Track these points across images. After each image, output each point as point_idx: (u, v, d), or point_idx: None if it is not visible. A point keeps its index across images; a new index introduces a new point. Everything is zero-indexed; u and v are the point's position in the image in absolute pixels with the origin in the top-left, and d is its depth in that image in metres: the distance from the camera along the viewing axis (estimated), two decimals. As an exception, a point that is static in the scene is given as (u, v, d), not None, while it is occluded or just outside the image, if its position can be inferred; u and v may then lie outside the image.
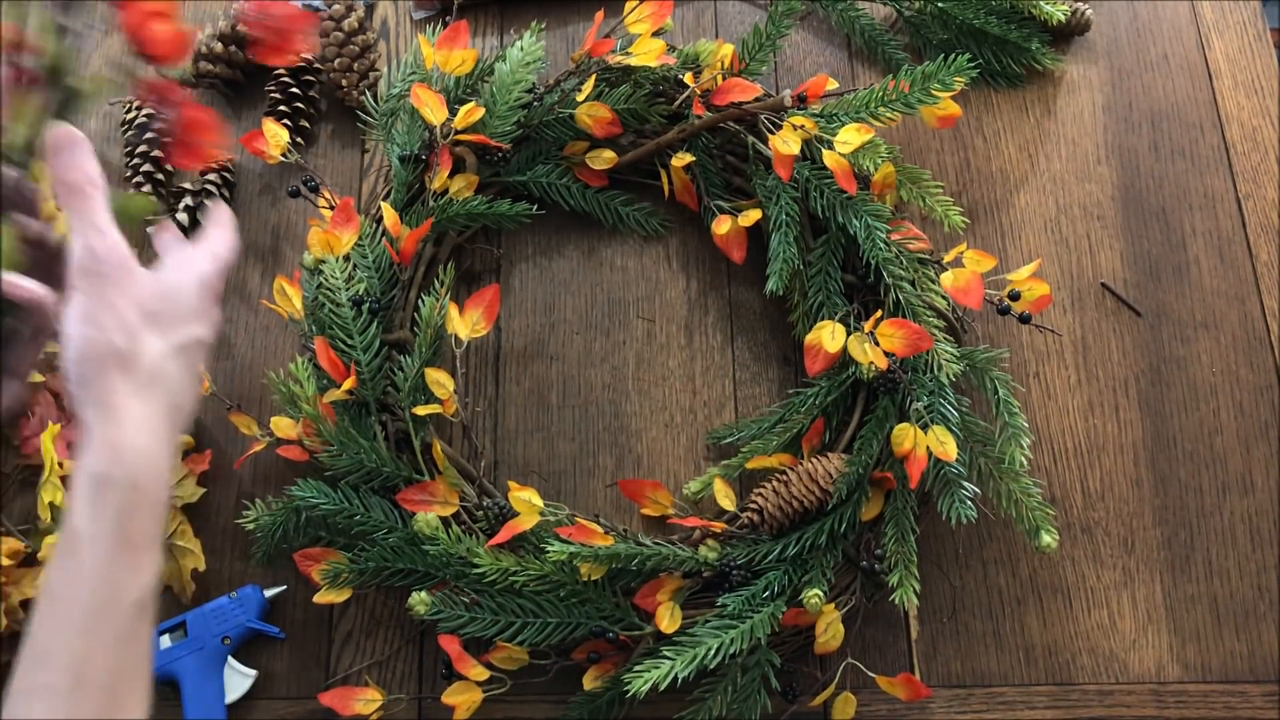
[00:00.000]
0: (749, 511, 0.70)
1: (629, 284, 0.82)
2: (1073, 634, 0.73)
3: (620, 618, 0.67)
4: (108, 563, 0.41)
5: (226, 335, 0.81)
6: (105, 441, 0.42)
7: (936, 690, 0.71)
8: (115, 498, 0.41)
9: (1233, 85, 0.89)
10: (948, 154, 0.86)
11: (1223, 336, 0.81)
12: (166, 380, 0.45)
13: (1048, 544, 0.67)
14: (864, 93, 0.75)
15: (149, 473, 0.43)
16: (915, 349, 0.69)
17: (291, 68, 0.85)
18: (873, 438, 0.70)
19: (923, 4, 0.87)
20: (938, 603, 0.74)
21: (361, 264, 0.75)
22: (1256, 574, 0.75)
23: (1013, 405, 0.70)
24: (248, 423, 0.75)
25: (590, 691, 0.67)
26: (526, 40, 0.78)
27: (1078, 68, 0.89)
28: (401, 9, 0.92)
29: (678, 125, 0.79)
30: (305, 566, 0.70)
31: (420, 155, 0.77)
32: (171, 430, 0.45)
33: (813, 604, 0.66)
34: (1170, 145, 0.87)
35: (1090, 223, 0.84)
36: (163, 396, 0.45)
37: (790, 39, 0.89)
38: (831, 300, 0.75)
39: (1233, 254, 0.83)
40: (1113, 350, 0.80)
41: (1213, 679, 0.72)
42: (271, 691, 0.72)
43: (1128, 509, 0.76)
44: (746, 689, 0.67)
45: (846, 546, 0.70)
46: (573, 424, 0.78)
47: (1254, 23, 0.91)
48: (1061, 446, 0.78)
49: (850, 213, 0.74)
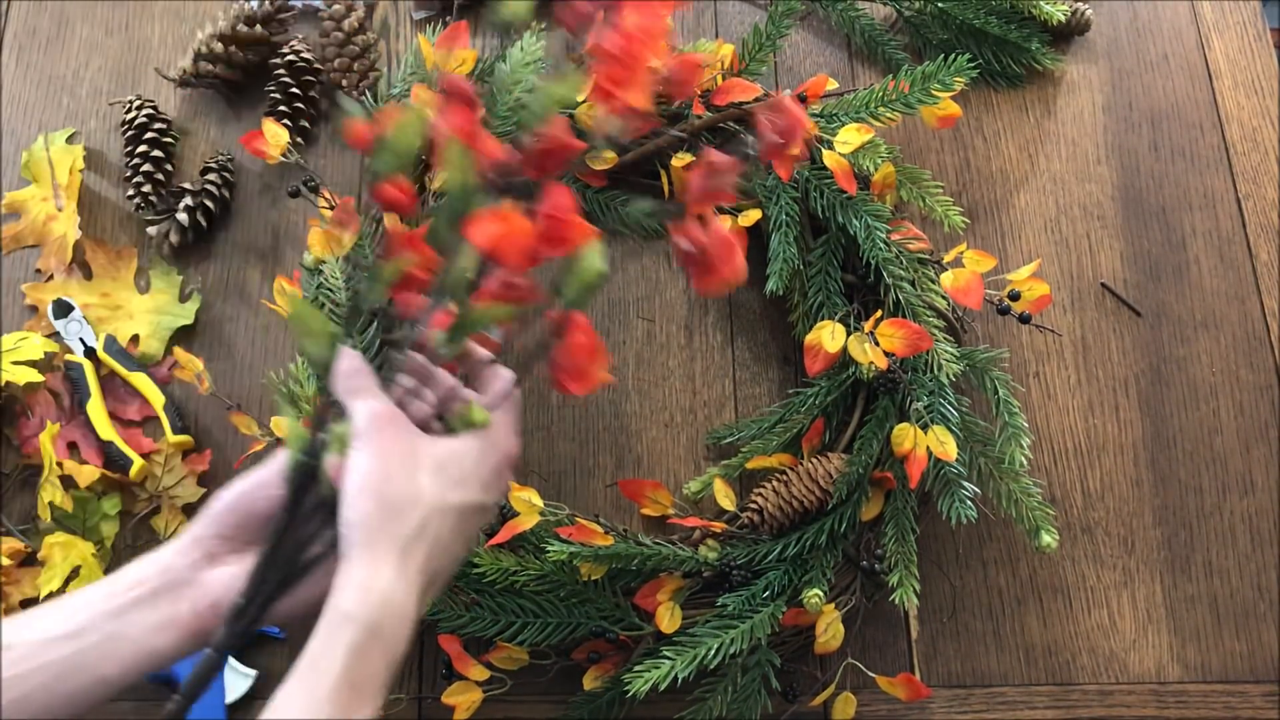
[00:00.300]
0: (749, 511, 0.70)
1: (629, 284, 0.82)
2: (1073, 634, 0.73)
3: (620, 618, 0.67)
4: (328, 697, 0.42)
5: (226, 335, 0.81)
6: (358, 582, 0.43)
7: (936, 690, 0.71)
8: (351, 637, 0.42)
9: (1233, 85, 0.89)
10: (948, 154, 0.86)
11: (1223, 336, 0.81)
12: (434, 537, 0.45)
13: (1048, 544, 0.67)
14: (864, 93, 0.75)
15: (391, 621, 0.43)
16: (915, 349, 0.69)
17: (292, 68, 0.85)
18: (873, 438, 0.70)
19: (923, 4, 0.87)
20: (938, 603, 0.74)
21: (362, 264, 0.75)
22: (1256, 574, 0.75)
23: (1013, 405, 0.70)
24: (248, 423, 0.75)
25: (590, 691, 0.67)
26: (526, 40, 0.78)
27: (1078, 68, 0.89)
28: (401, 9, 0.92)
29: (678, 125, 0.79)
30: (305, 566, 0.70)
31: (420, 155, 0.77)
32: (427, 586, 0.46)
33: (813, 604, 0.66)
34: (1170, 145, 0.87)
35: (1090, 223, 0.84)
36: (426, 551, 0.45)
37: (790, 39, 0.89)
38: (831, 300, 0.75)
39: (1233, 254, 0.83)
40: (1113, 350, 0.80)
41: (1213, 679, 0.72)
42: (271, 691, 0.71)
43: (1128, 509, 0.76)
44: (746, 689, 0.67)
45: (846, 546, 0.70)
46: (573, 424, 0.78)
47: (1254, 23, 0.91)
48: (1061, 446, 0.78)
49: (850, 213, 0.74)
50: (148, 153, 0.83)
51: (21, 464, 0.77)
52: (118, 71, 0.90)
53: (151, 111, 0.85)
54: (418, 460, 0.46)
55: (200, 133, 0.88)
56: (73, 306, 0.80)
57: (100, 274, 0.82)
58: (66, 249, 0.82)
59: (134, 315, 0.81)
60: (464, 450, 0.48)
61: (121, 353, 0.79)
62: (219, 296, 0.82)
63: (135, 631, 0.45)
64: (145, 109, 0.84)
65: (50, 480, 0.72)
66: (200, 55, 0.85)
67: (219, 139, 0.88)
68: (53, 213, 0.84)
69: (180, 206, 0.82)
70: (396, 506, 0.44)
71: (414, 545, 0.44)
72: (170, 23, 0.92)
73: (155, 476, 0.76)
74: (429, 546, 0.45)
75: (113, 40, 0.91)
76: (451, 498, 0.46)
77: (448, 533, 0.46)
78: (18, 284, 0.82)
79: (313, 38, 0.89)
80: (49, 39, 0.91)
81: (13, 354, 0.76)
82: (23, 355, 0.76)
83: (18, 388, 0.77)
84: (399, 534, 0.44)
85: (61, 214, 0.84)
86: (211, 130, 0.88)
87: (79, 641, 0.44)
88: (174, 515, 0.75)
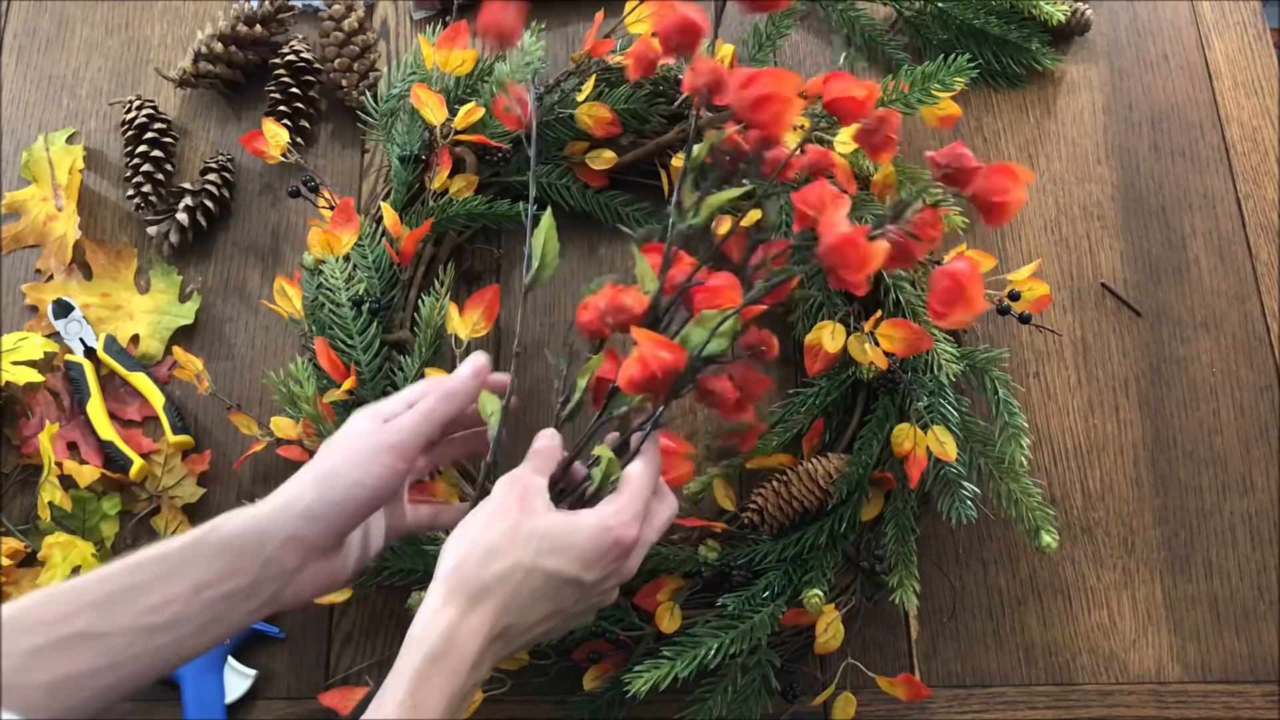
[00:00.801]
0: (749, 512, 0.70)
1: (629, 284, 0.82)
2: (1073, 634, 0.73)
3: (620, 618, 0.67)
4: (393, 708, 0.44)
5: (226, 335, 0.81)
6: (429, 610, 0.46)
7: (936, 690, 0.71)
8: (413, 658, 0.45)
9: (1233, 85, 0.89)
10: (948, 154, 0.86)
11: (1223, 336, 0.81)
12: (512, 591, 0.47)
13: (1048, 544, 0.67)
14: (864, 93, 0.75)
15: (453, 655, 0.45)
16: (915, 349, 0.69)
17: (291, 67, 0.85)
18: (873, 438, 0.70)
19: (923, 4, 0.87)
20: (938, 603, 0.74)
21: (361, 264, 0.75)
22: (1256, 574, 0.75)
23: (1013, 405, 0.70)
24: (248, 423, 0.75)
25: (590, 691, 0.67)
26: (526, 40, 0.78)
27: (1078, 68, 0.89)
28: (401, 9, 0.92)
29: (678, 125, 0.79)
30: (305, 566, 0.70)
31: (420, 155, 0.77)
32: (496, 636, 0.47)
33: (813, 604, 0.66)
34: (1170, 145, 0.87)
35: (1090, 223, 0.84)
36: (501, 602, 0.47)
37: (790, 39, 0.89)
38: (831, 300, 0.75)
39: (1233, 254, 0.83)
40: (1113, 350, 0.80)
41: (1213, 679, 0.72)
42: (271, 691, 0.72)
43: (1128, 509, 0.76)
44: (746, 689, 0.67)
45: (846, 546, 0.70)
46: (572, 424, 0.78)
47: (1254, 23, 0.91)
48: (1061, 446, 0.78)
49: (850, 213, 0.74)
50: (148, 153, 0.83)
51: (21, 464, 0.77)
52: (118, 71, 0.90)
53: (151, 111, 0.85)
54: (528, 521, 0.48)
55: (200, 133, 0.88)
56: (73, 306, 0.80)
57: (100, 274, 0.82)
58: (66, 249, 0.82)
59: (134, 315, 0.81)
60: (576, 524, 0.49)
61: (121, 353, 0.79)
62: (219, 296, 0.82)
63: (231, 619, 0.47)
64: (145, 109, 0.84)
65: (50, 480, 0.72)
66: (200, 55, 0.85)
67: (219, 139, 0.88)
68: (53, 213, 0.84)
69: (180, 206, 0.82)
70: (486, 553, 0.47)
71: (489, 593, 0.47)
72: (170, 23, 0.92)
73: (155, 476, 0.76)
74: (504, 599, 0.47)
75: (113, 40, 0.91)
76: (544, 562, 0.47)
77: (529, 593, 0.47)
78: (18, 284, 0.82)
79: (313, 38, 0.89)
80: (49, 39, 0.91)
81: (13, 354, 0.76)
82: (23, 355, 0.76)
83: (18, 388, 0.77)
84: (478, 578, 0.47)
85: (61, 214, 0.84)
86: (211, 130, 0.88)
87: (175, 632, 0.46)
88: (174, 515, 0.75)
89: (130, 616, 0.45)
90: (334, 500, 0.49)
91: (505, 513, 0.48)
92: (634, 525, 0.50)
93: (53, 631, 0.43)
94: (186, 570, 0.46)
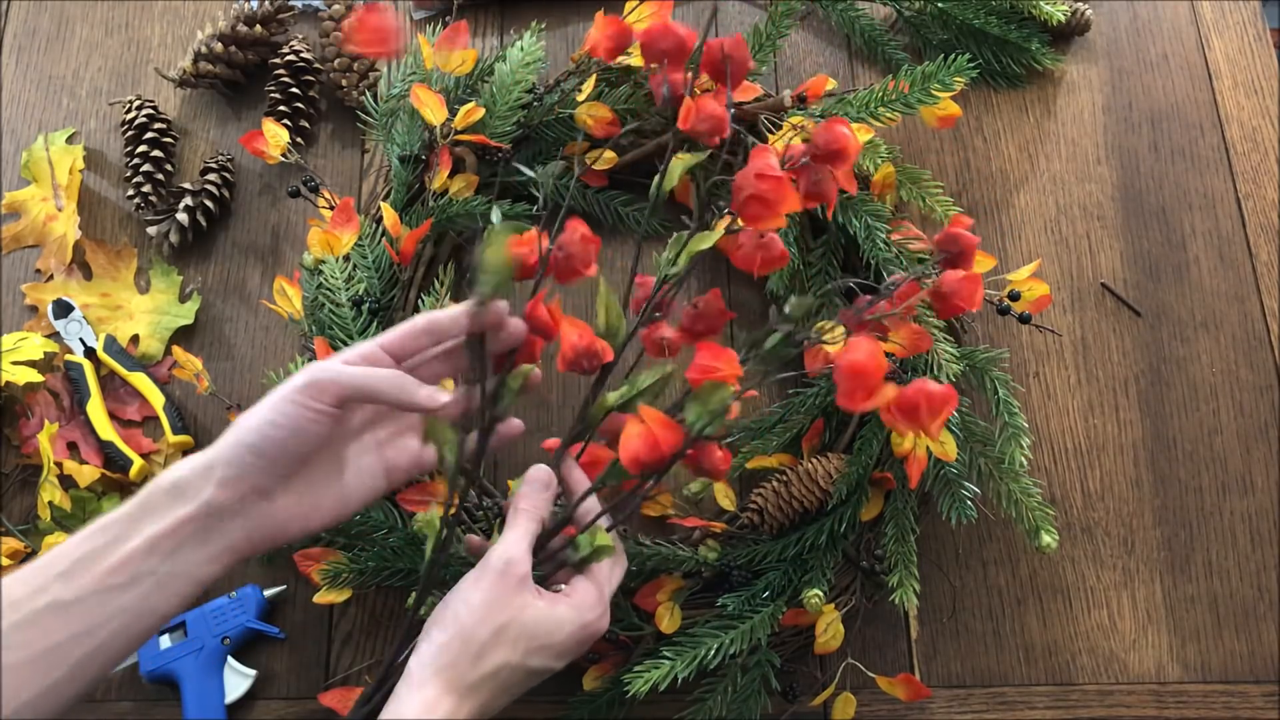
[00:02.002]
0: (749, 512, 0.70)
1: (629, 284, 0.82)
2: (1073, 634, 0.73)
3: (620, 618, 0.67)
4: None
5: (226, 335, 0.81)
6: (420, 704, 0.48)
7: (936, 690, 0.71)
8: None
9: (1233, 85, 0.89)
10: (948, 154, 0.86)
11: (1223, 336, 0.81)
12: (500, 686, 0.50)
13: (1048, 544, 0.67)
14: (864, 93, 0.75)
15: None
16: (915, 349, 0.69)
17: (291, 68, 0.85)
18: (873, 438, 0.70)
19: (923, 4, 0.87)
20: (938, 603, 0.74)
21: (361, 264, 0.75)
22: (1256, 574, 0.75)
23: (1013, 405, 0.70)
24: (248, 423, 0.75)
25: (590, 691, 0.67)
26: (526, 40, 0.78)
27: (1078, 68, 0.89)
28: (401, 9, 0.92)
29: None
30: (305, 566, 0.70)
31: (420, 155, 0.77)
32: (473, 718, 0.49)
33: (813, 604, 0.66)
34: (1170, 145, 0.87)
35: (1090, 223, 0.84)
36: (488, 696, 0.49)
37: (790, 39, 0.89)
38: (831, 300, 0.75)
39: (1233, 254, 0.83)
40: (1113, 350, 0.80)
41: (1213, 679, 0.72)
42: (271, 692, 0.72)
43: (1128, 509, 0.76)
44: (746, 689, 0.67)
45: (846, 546, 0.70)
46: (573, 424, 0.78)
47: (1254, 23, 0.91)
48: (1061, 446, 0.78)
49: (850, 213, 0.74)
50: (148, 153, 0.83)
51: (21, 464, 0.77)
52: (118, 71, 0.90)
53: (151, 111, 0.85)
54: (516, 618, 0.50)
55: (200, 133, 0.88)
56: (73, 306, 0.80)
57: (100, 274, 0.82)
58: (66, 249, 0.82)
59: (134, 315, 0.81)
60: (559, 622, 0.51)
61: (121, 353, 0.79)
62: (219, 296, 0.82)
63: (188, 568, 0.48)
64: (145, 109, 0.84)
65: (50, 480, 0.72)
66: (200, 55, 0.85)
67: (219, 139, 0.88)
68: (53, 213, 0.84)
69: (180, 206, 0.82)
70: (479, 652, 0.49)
71: (479, 688, 0.49)
72: (170, 23, 0.92)
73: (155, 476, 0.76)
74: (491, 694, 0.49)
75: (113, 40, 0.91)
76: (530, 662, 0.50)
77: (514, 684, 0.51)
78: (18, 284, 0.82)
79: (313, 38, 0.89)
80: (49, 39, 0.91)
81: (13, 354, 0.76)
82: (23, 355, 0.76)
83: (18, 388, 0.77)
84: (471, 676, 0.49)
85: (61, 214, 0.84)
86: (211, 130, 0.88)
87: (139, 588, 0.47)
88: (174, 515, 0.75)
89: (94, 580, 0.46)
90: (249, 443, 0.49)
91: (495, 605, 0.50)
92: (606, 614, 0.54)
93: (24, 608, 0.45)
94: (139, 526, 0.47)
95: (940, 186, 0.77)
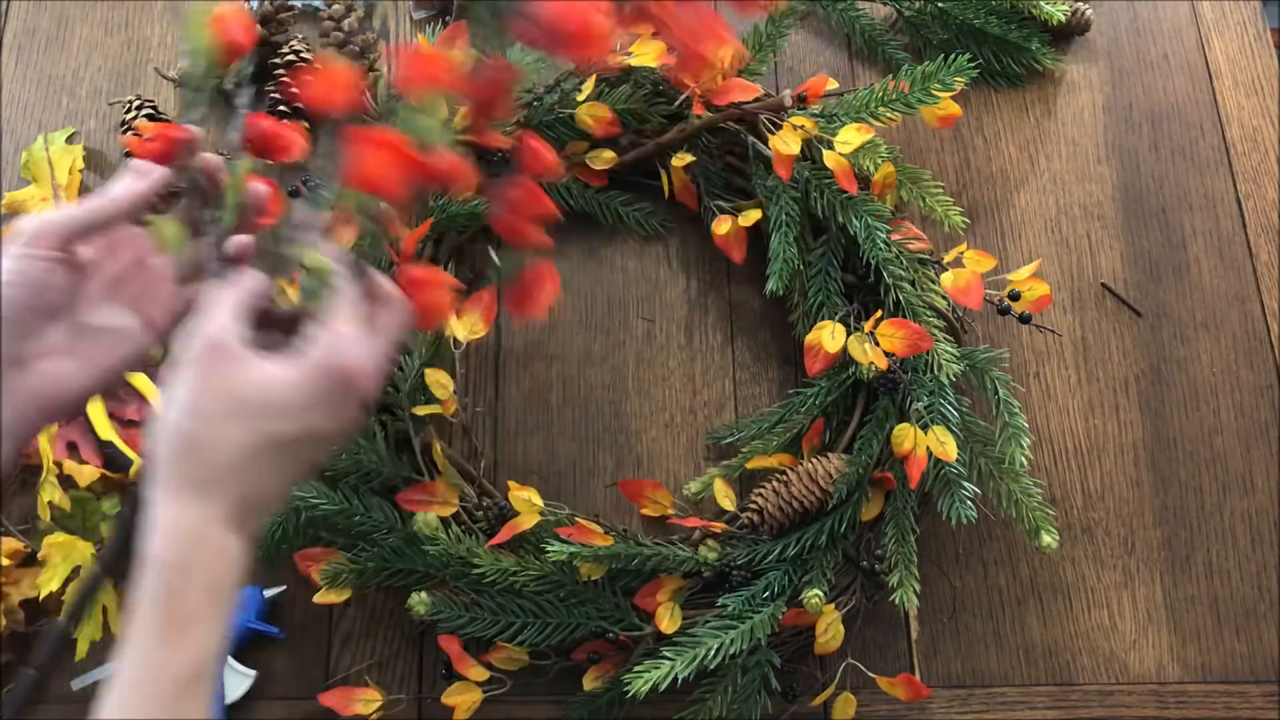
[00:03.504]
0: (749, 512, 0.70)
1: (629, 284, 0.82)
2: (1073, 634, 0.73)
3: (620, 618, 0.67)
4: (149, 639, 0.42)
5: (226, 335, 0.81)
6: (164, 524, 0.43)
7: (936, 690, 0.71)
8: (163, 579, 0.42)
9: (1233, 85, 0.89)
10: (948, 154, 0.86)
11: (1223, 336, 0.81)
12: (245, 475, 0.44)
13: (1048, 544, 0.67)
14: (864, 93, 0.75)
15: (207, 558, 0.43)
16: (915, 349, 0.69)
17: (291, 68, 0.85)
18: (873, 438, 0.70)
19: (923, 4, 0.87)
20: (938, 603, 0.74)
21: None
22: (1256, 574, 0.75)
23: (1013, 405, 0.70)
24: (247, 423, 0.74)
25: (590, 692, 0.67)
26: (526, 40, 0.78)
27: (1078, 68, 0.89)
28: (401, 9, 0.92)
29: (678, 125, 0.79)
30: (305, 567, 0.70)
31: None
32: (246, 517, 0.45)
33: (813, 604, 0.66)
34: (1170, 145, 0.87)
35: (1090, 223, 0.84)
36: (238, 490, 0.44)
37: (790, 39, 0.89)
38: (831, 300, 0.75)
39: (1233, 254, 0.83)
40: (1113, 350, 0.80)
41: (1213, 679, 0.72)
42: (271, 692, 0.72)
43: (1128, 509, 0.76)
44: (746, 689, 0.67)
45: (846, 546, 0.70)
46: (573, 424, 0.78)
47: (1254, 23, 0.91)
48: (1061, 446, 0.78)
49: (850, 213, 0.74)
50: (147, 153, 0.83)
51: (21, 464, 0.76)
52: (118, 71, 0.90)
53: (151, 111, 0.84)
54: (233, 392, 0.44)
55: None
56: (72, 306, 0.80)
57: (100, 274, 0.82)
58: (66, 249, 0.82)
59: (134, 315, 0.81)
60: (288, 380, 0.44)
61: (121, 353, 0.79)
62: (219, 296, 0.82)
63: None
64: (145, 109, 0.84)
65: (50, 480, 0.72)
66: (200, 55, 0.85)
67: (219, 139, 0.88)
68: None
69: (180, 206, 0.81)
70: (203, 447, 0.43)
71: (221, 485, 0.43)
72: (170, 23, 0.92)
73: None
74: (240, 486, 0.44)
75: (113, 40, 0.91)
76: (271, 428, 0.44)
77: (264, 468, 0.44)
78: (17, 284, 0.82)
79: (313, 38, 0.89)
80: (49, 39, 0.91)
81: (12, 354, 0.76)
82: (22, 355, 0.76)
83: (17, 388, 0.76)
84: (204, 475, 0.43)
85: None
86: (211, 130, 0.88)
87: None
88: (174, 515, 0.75)
89: None
90: None
91: (207, 393, 0.44)
92: (356, 348, 0.45)
93: None
94: None
95: (940, 186, 0.77)
